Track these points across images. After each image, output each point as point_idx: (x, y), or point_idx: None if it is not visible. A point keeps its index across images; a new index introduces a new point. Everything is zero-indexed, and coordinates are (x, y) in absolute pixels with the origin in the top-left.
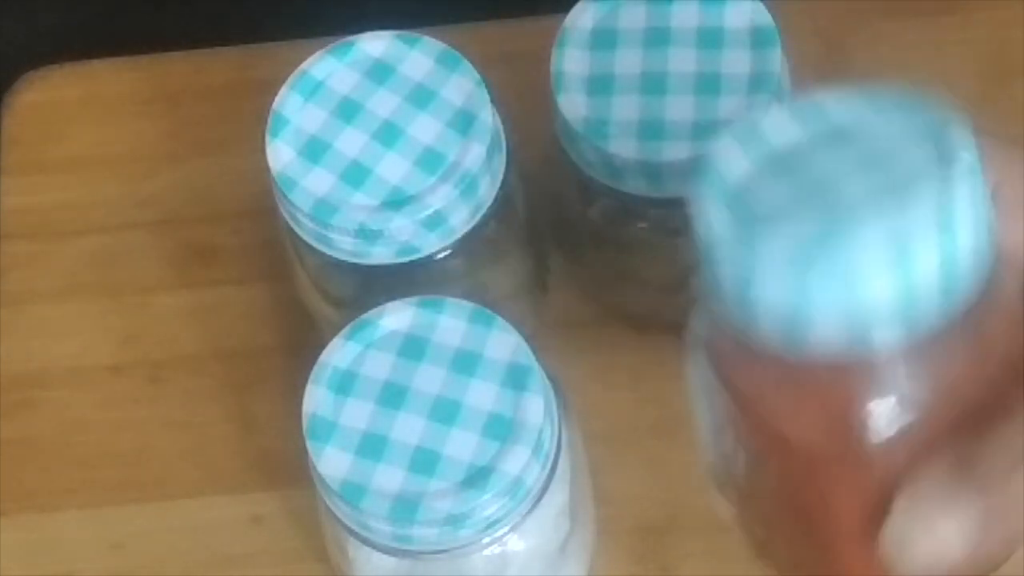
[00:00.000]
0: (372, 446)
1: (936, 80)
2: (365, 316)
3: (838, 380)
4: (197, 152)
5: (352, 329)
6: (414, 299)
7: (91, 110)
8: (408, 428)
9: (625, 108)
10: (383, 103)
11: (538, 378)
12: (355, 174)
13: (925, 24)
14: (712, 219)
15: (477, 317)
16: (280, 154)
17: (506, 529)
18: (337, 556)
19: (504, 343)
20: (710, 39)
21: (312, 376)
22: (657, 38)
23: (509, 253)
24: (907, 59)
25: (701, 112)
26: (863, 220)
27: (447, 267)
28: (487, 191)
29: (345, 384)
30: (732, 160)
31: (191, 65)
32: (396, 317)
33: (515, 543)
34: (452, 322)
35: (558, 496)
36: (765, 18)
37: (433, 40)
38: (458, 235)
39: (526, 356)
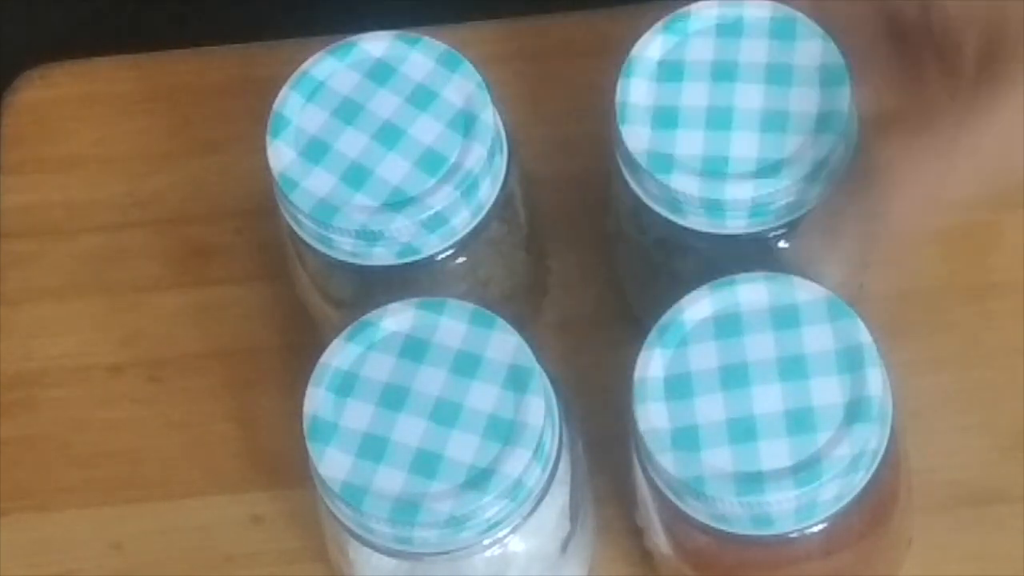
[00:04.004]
0: (373, 448)
1: None
2: (366, 317)
3: None
4: (197, 152)
5: (353, 330)
6: (415, 300)
7: (91, 109)
8: (409, 430)
9: (689, 142)
10: (384, 104)
11: (539, 379)
12: (356, 175)
13: None
14: None
15: (478, 318)
16: (281, 154)
17: (507, 531)
18: (337, 557)
19: (505, 344)
20: (778, 76)
21: (313, 377)
22: (724, 73)
23: (510, 254)
24: None
25: (766, 150)
26: None
27: (448, 268)
28: (488, 192)
29: (346, 385)
30: None
31: (191, 65)
32: (397, 318)
33: (516, 544)
34: (453, 323)
35: (559, 497)
36: (835, 57)
37: (434, 40)
38: (459, 236)
39: (527, 357)
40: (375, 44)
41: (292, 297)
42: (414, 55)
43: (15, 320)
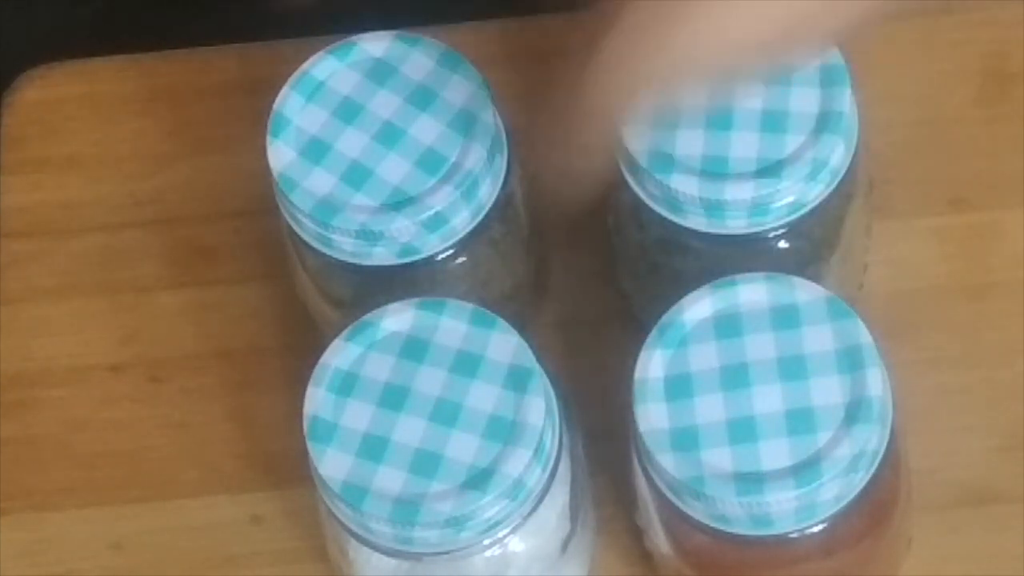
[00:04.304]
0: (373, 448)
1: (936, 80)
2: (366, 317)
3: None
4: (197, 152)
5: (353, 331)
6: (415, 300)
7: (91, 109)
8: (409, 430)
9: (689, 142)
10: (384, 104)
11: (539, 379)
12: (356, 175)
13: (925, 24)
14: None
15: (478, 319)
16: (281, 154)
17: (507, 530)
18: (337, 557)
19: (505, 344)
20: (778, 75)
21: (313, 377)
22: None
23: (510, 253)
24: (907, 59)
25: (766, 150)
26: None
27: (448, 268)
28: (488, 192)
29: (346, 385)
30: None
31: (191, 65)
32: (397, 319)
33: (516, 544)
34: (453, 324)
35: (559, 497)
36: (835, 57)
37: (434, 40)
38: (459, 236)
39: (527, 357)
40: (375, 44)
41: (292, 297)
42: (414, 55)
43: (15, 320)
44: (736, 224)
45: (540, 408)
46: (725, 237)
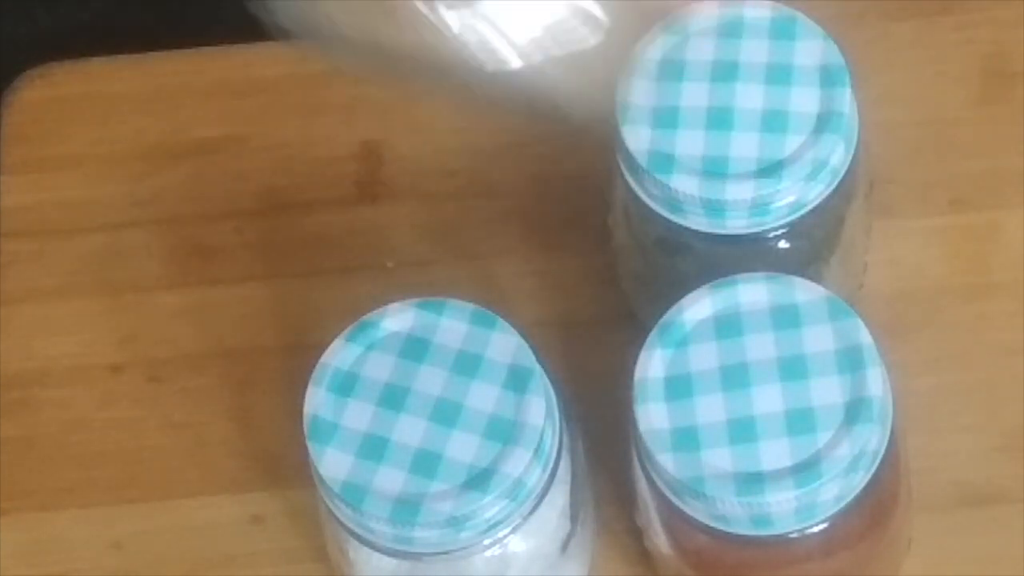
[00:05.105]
0: (373, 448)
1: (936, 80)
2: (366, 317)
3: None
4: (197, 152)
5: (353, 331)
6: (415, 300)
7: (91, 109)
8: (409, 430)
9: (689, 142)
10: None
11: (539, 379)
12: None
13: (925, 24)
14: None
15: (478, 318)
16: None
17: (507, 530)
18: (337, 557)
19: (505, 344)
20: (779, 76)
21: (313, 377)
22: (725, 73)
23: None
24: (907, 59)
25: (766, 150)
26: None
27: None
28: None
29: (346, 385)
30: None
31: (191, 65)
32: (397, 318)
33: (516, 544)
34: (453, 323)
35: (559, 497)
36: (836, 57)
37: None
38: None
39: (527, 357)
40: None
41: (292, 297)
42: None
43: (15, 320)
44: (736, 224)
45: (540, 408)
46: (725, 237)
